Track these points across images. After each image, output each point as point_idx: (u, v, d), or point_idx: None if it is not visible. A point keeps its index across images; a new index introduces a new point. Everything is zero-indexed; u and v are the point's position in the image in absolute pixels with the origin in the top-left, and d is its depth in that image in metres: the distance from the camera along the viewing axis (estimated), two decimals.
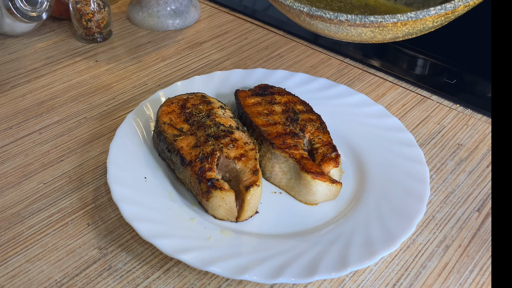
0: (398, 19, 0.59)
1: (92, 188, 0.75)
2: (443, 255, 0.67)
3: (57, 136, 0.85)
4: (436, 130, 0.88)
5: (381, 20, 0.60)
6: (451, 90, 0.98)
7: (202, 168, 0.67)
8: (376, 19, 0.60)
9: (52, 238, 0.67)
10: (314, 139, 0.75)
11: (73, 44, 1.11)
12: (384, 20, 0.60)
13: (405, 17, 0.59)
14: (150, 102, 0.85)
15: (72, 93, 0.95)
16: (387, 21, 0.60)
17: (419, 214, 0.66)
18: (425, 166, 0.73)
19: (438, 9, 0.58)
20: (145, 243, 0.67)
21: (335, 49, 1.10)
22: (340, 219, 0.68)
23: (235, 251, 0.62)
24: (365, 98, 0.88)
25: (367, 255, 0.60)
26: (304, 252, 0.62)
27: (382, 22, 0.60)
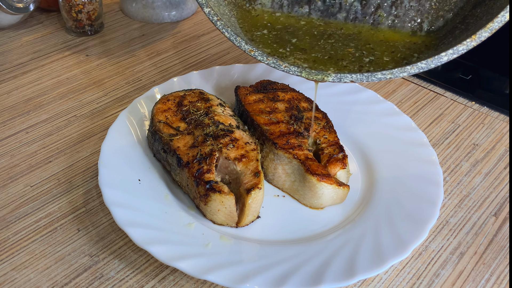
0: (409, 73, 0.59)
1: (82, 191, 0.75)
2: (457, 262, 0.67)
3: (45, 136, 0.85)
4: (450, 129, 0.88)
5: (390, 77, 0.59)
6: (466, 86, 0.98)
7: (200, 170, 0.67)
8: (384, 76, 0.59)
9: (39, 244, 0.67)
10: (319, 139, 0.75)
11: (62, 37, 1.11)
12: (393, 76, 0.60)
13: (415, 69, 0.59)
14: (145, 99, 0.85)
15: (61, 89, 0.96)
16: (396, 76, 0.60)
17: (431, 219, 0.66)
18: (438, 168, 0.73)
19: (450, 54, 0.58)
20: (139, 250, 0.67)
21: None
22: (347, 224, 0.68)
23: (235, 259, 0.62)
24: (374, 95, 0.88)
25: (376, 262, 0.60)
26: (309, 259, 0.62)
27: (391, 78, 0.60)
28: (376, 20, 0.70)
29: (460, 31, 0.64)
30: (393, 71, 0.59)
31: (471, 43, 0.58)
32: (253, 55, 0.62)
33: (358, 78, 0.59)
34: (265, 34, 0.68)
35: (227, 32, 0.62)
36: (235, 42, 0.62)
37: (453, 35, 0.65)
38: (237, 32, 0.65)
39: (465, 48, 0.58)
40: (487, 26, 0.57)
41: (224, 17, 0.66)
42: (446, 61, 0.58)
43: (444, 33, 0.67)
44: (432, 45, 0.67)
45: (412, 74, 0.59)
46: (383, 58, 0.65)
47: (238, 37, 0.62)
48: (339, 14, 0.70)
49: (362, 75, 0.59)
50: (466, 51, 0.58)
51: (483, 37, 0.57)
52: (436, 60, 0.58)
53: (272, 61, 0.61)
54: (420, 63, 0.58)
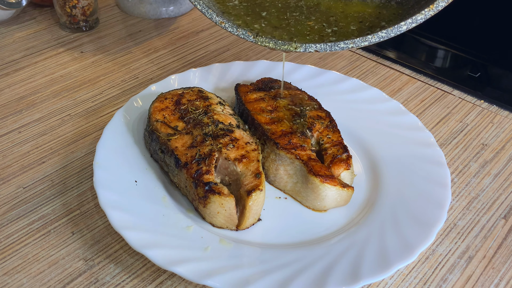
0: (370, 41, 0.62)
1: (76, 193, 0.75)
2: (465, 267, 0.67)
3: (38, 135, 0.85)
4: (458, 129, 0.88)
5: (352, 46, 0.62)
6: (475, 84, 0.98)
7: (199, 171, 0.67)
8: (347, 45, 0.62)
9: (32, 248, 0.67)
10: (323, 139, 0.75)
11: (56, 33, 1.11)
12: (355, 45, 0.62)
13: (376, 38, 0.61)
14: (141, 98, 0.85)
15: (54, 87, 0.96)
16: (358, 45, 0.62)
17: (439, 221, 0.66)
18: (446, 169, 0.73)
19: (409, 23, 0.60)
20: (135, 254, 0.67)
21: None
22: (351, 227, 0.68)
23: (235, 263, 0.62)
24: (379, 93, 0.88)
25: (381, 267, 0.60)
26: (311, 264, 0.62)
27: (353, 47, 0.63)
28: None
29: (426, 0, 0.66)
30: (355, 40, 0.62)
31: (428, 12, 0.59)
32: (223, 26, 0.65)
33: (322, 48, 0.62)
34: (236, 5, 0.71)
35: (199, 5, 0.65)
36: (206, 14, 0.66)
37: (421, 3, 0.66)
38: (209, 5, 0.67)
39: (423, 17, 0.59)
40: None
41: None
42: (405, 29, 0.60)
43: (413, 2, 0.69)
44: (399, 14, 0.69)
45: (374, 43, 0.61)
46: (350, 28, 0.68)
47: (209, 10, 0.65)
48: None
49: (325, 44, 0.62)
50: (424, 20, 0.60)
51: (440, 6, 0.58)
52: (396, 29, 0.60)
53: (242, 33, 0.65)
54: (381, 32, 0.61)
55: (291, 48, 0.63)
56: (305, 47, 0.63)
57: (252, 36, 0.64)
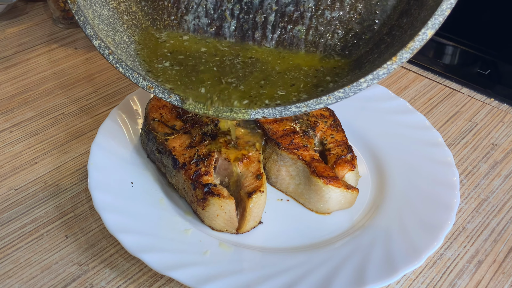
0: (325, 104, 0.57)
1: (70, 195, 0.75)
2: (475, 272, 0.67)
3: (30, 135, 0.85)
4: (467, 128, 0.88)
5: (306, 109, 0.58)
6: (485, 82, 0.98)
7: (198, 172, 0.67)
8: (299, 108, 0.58)
9: (24, 252, 0.67)
10: (326, 139, 0.75)
11: (49, 29, 1.11)
12: (308, 109, 0.58)
13: (332, 99, 0.57)
14: (138, 96, 0.85)
15: (47, 85, 0.96)
16: (312, 109, 0.58)
17: (447, 224, 0.65)
18: (454, 170, 0.73)
19: (370, 80, 0.56)
20: (131, 258, 0.67)
21: None
22: (356, 231, 0.68)
23: (235, 268, 0.62)
24: (385, 91, 0.88)
25: (387, 272, 0.60)
26: (314, 268, 0.62)
27: (307, 111, 0.59)
28: (294, 38, 0.68)
29: (386, 45, 0.62)
30: (308, 103, 0.58)
31: (392, 66, 0.56)
32: (152, 92, 0.60)
33: (271, 113, 0.58)
34: (167, 68, 0.66)
35: (121, 67, 0.60)
36: (131, 78, 0.60)
37: (379, 50, 0.63)
38: (134, 66, 0.62)
39: (385, 72, 0.56)
40: (408, 45, 0.55)
41: (120, 46, 0.64)
42: (366, 87, 0.56)
43: (368, 49, 0.66)
44: (352, 66, 0.65)
45: (330, 105, 0.57)
46: (296, 87, 0.63)
47: (134, 72, 0.60)
48: (256, 33, 0.69)
49: (274, 109, 0.58)
50: (387, 75, 0.56)
51: (404, 58, 0.55)
52: (355, 87, 0.56)
53: (175, 99, 0.60)
54: (338, 92, 0.56)
55: (235, 114, 0.59)
56: (250, 113, 0.59)
57: (187, 103, 0.59)
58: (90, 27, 0.60)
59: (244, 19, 0.68)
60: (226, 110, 0.59)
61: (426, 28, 0.54)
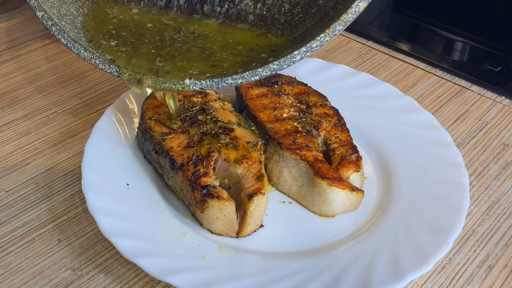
0: (260, 76, 0.60)
1: (63, 197, 0.75)
2: (485, 277, 0.67)
3: (21, 135, 0.85)
4: (477, 127, 0.88)
5: (241, 81, 0.61)
6: (495, 79, 0.98)
7: (196, 173, 0.67)
8: (235, 80, 0.61)
9: (15, 257, 0.67)
10: (330, 138, 0.75)
11: (42, 24, 1.11)
12: (244, 81, 0.61)
13: (267, 71, 0.60)
14: (134, 94, 0.85)
15: (40, 82, 0.96)
16: (248, 80, 0.61)
17: (456, 228, 0.66)
18: (464, 171, 0.73)
19: (304, 52, 0.59)
20: (127, 263, 0.67)
21: (356, 29, 1.10)
22: (361, 234, 0.68)
23: (235, 273, 0.62)
24: (391, 89, 0.88)
25: (394, 277, 0.60)
26: (318, 274, 0.62)
27: (242, 83, 0.61)
28: (241, 12, 0.70)
29: (329, 19, 0.64)
30: (243, 75, 0.60)
31: (325, 38, 0.58)
32: (93, 63, 0.63)
33: (208, 85, 0.61)
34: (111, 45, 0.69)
35: (63, 38, 0.63)
36: (73, 49, 0.63)
37: (322, 23, 0.65)
38: (77, 38, 0.65)
39: (319, 44, 0.58)
40: (341, 18, 0.57)
41: (65, 18, 0.66)
42: (299, 59, 0.59)
43: (314, 23, 0.67)
44: (295, 40, 0.67)
45: (265, 76, 0.60)
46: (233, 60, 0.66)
47: (76, 43, 0.63)
48: (204, 7, 0.70)
49: (211, 81, 0.61)
50: (320, 47, 0.58)
51: (337, 30, 0.57)
52: (289, 59, 0.59)
53: (115, 69, 0.63)
54: (272, 64, 0.59)
55: (173, 85, 0.62)
56: (190, 84, 0.62)
57: (126, 74, 0.63)
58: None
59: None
60: (164, 81, 0.62)
61: (359, 1, 0.56)
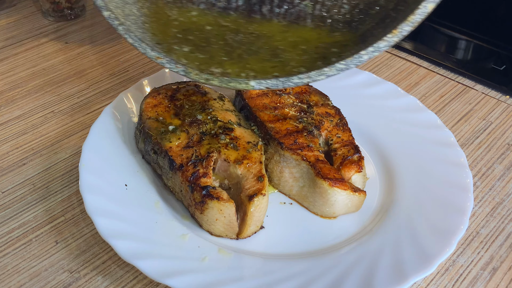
0: (327, 75, 0.61)
1: (61, 198, 0.75)
2: (489, 279, 0.67)
3: (18, 134, 0.85)
4: (481, 127, 0.88)
5: (308, 80, 0.61)
6: (500, 78, 0.98)
7: (195, 174, 0.67)
8: (301, 79, 0.61)
9: (12, 258, 0.67)
10: (332, 138, 0.75)
11: (38, 22, 1.11)
12: (311, 80, 0.61)
13: (334, 71, 0.60)
14: (132, 93, 0.85)
15: (37, 81, 0.96)
16: (314, 80, 0.61)
17: (460, 229, 0.65)
18: (468, 171, 0.73)
19: (371, 52, 0.60)
20: (126, 265, 0.67)
21: None
22: (363, 236, 0.68)
23: (235, 275, 0.62)
24: (394, 88, 0.88)
25: (396, 279, 0.60)
26: (319, 276, 0.62)
27: (309, 82, 0.62)
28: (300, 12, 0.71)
29: (391, 19, 0.65)
30: (310, 74, 0.61)
31: (392, 38, 0.59)
32: (160, 62, 0.64)
33: (274, 84, 0.61)
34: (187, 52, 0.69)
35: (130, 38, 0.64)
36: (139, 48, 0.64)
37: (384, 24, 0.66)
38: (143, 37, 0.66)
39: (386, 45, 0.59)
40: (409, 18, 0.58)
41: (129, 18, 0.67)
42: (367, 59, 0.60)
43: (374, 24, 0.68)
44: (356, 41, 0.68)
45: (331, 76, 0.60)
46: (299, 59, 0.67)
47: (143, 43, 0.64)
48: (263, 8, 0.71)
49: (277, 80, 0.61)
50: (387, 47, 0.60)
51: (405, 31, 0.58)
52: (356, 59, 0.59)
53: (182, 69, 0.64)
54: (339, 63, 0.60)
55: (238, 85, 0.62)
56: (255, 83, 0.62)
57: (193, 73, 0.63)
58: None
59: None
60: (230, 80, 0.62)
61: (427, 2, 0.57)
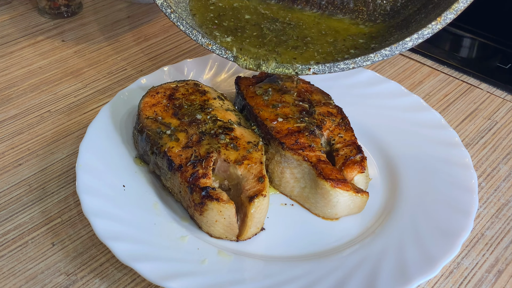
0: (372, 61, 0.63)
1: (57, 199, 0.75)
2: (494, 282, 0.67)
3: (14, 134, 0.85)
4: (486, 127, 0.88)
5: (353, 66, 0.64)
6: (505, 77, 0.98)
7: (195, 174, 0.67)
8: (347, 65, 0.64)
9: (7, 261, 0.67)
10: (334, 138, 0.75)
11: (34, 20, 1.11)
12: (356, 66, 0.64)
13: (379, 57, 0.63)
14: (130, 92, 0.85)
15: (32, 80, 0.96)
16: (360, 65, 0.64)
17: (464, 231, 0.65)
18: (473, 172, 0.73)
19: (415, 39, 0.62)
20: (123, 268, 0.67)
21: None
22: (366, 238, 0.68)
23: (235, 278, 0.62)
24: (397, 87, 0.88)
25: (399, 282, 0.60)
26: (321, 278, 0.62)
27: (354, 67, 0.65)
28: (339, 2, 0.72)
29: (434, 5, 0.67)
30: (356, 60, 0.64)
31: (436, 26, 0.61)
32: (210, 49, 0.67)
33: (320, 69, 0.65)
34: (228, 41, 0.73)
35: (182, 25, 0.67)
36: (191, 35, 0.68)
37: (426, 10, 0.68)
38: (192, 24, 0.69)
39: (430, 32, 0.61)
40: (453, 6, 0.60)
41: (180, 5, 0.71)
42: (411, 46, 0.62)
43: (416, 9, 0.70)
44: (398, 26, 0.71)
45: (377, 62, 0.63)
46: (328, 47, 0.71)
47: (194, 30, 0.67)
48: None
49: (323, 65, 0.65)
50: (431, 34, 0.62)
51: (449, 19, 0.60)
52: (401, 46, 0.62)
53: (231, 55, 0.67)
54: (384, 50, 0.62)
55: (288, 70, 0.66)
56: (301, 68, 0.66)
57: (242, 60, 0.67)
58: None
59: None
60: (277, 66, 0.66)
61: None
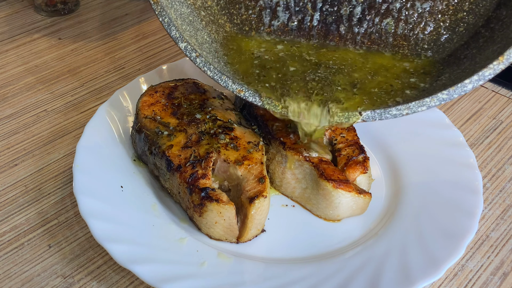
0: (428, 106, 0.61)
1: (54, 200, 0.75)
2: (499, 284, 0.67)
3: (9, 134, 0.85)
4: (491, 126, 0.88)
5: (407, 112, 0.62)
6: (510, 75, 0.98)
7: (194, 175, 0.67)
8: (400, 111, 0.62)
9: (3, 263, 0.67)
10: (336, 138, 0.75)
11: (31, 17, 1.11)
12: (410, 112, 0.62)
13: (436, 101, 0.60)
14: (128, 91, 0.85)
15: (29, 79, 0.96)
16: (414, 111, 0.62)
17: (469, 233, 0.65)
18: (477, 172, 0.73)
19: (476, 81, 0.59)
20: (121, 270, 0.67)
21: None
22: (369, 240, 0.68)
23: (235, 280, 0.62)
24: None
25: (403, 285, 0.60)
26: (323, 281, 0.62)
27: (408, 114, 0.62)
28: (382, 31, 0.70)
29: (485, 39, 0.64)
30: (409, 105, 0.61)
31: (498, 66, 0.58)
32: (242, 95, 0.65)
33: (370, 117, 0.62)
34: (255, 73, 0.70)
35: (209, 71, 0.64)
36: (220, 82, 0.65)
37: (477, 44, 0.65)
38: (220, 67, 0.66)
39: (492, 73, 0.58)
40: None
41: (204, 47, 0.67)
42: (471, 89, 0.59)
43: (463, 42, 0.68)
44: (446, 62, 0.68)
45: (432, 107, 0.60)
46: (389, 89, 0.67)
47: (223, 76, 0.65)
48: (341, 27, 0.71)
49: (373, 112, 0.62)
50: (493, 75, 0.58)
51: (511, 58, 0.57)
52: (460, 88, 0.59)
53: (267, 102, 0.65)
54: (441, 93, 0.60)
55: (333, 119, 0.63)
56: (347, 116, 0.63)
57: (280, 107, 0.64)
58: (175, 28, 0.64)
59: (328, 11, 0.71)
60: (325, 116, 0.64)
61: None
